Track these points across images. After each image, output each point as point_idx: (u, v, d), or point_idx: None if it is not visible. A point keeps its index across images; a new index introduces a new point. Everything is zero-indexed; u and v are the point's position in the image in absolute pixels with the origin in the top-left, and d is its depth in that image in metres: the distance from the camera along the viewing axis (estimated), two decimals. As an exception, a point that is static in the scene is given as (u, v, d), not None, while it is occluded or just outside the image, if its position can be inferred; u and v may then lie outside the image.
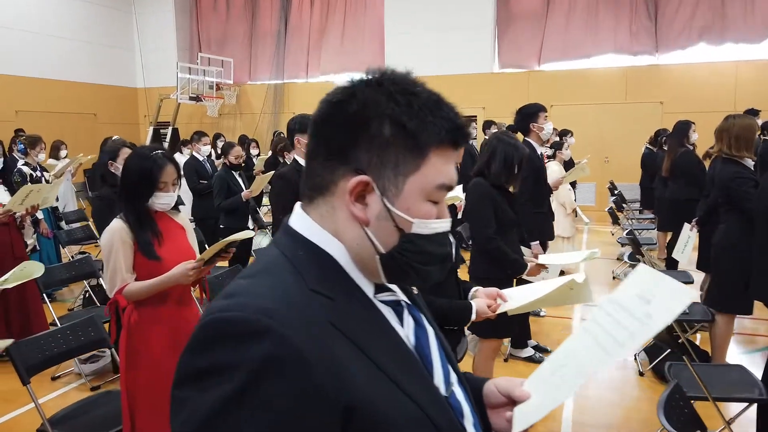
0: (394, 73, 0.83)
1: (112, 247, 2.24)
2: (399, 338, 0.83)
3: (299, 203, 0.87)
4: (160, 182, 2.30)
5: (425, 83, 0.86)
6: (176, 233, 2.44)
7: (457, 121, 0.83)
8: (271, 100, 13.64)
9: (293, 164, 3.37)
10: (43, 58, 12.18)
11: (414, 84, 0.83)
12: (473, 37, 11.99)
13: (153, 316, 2.30)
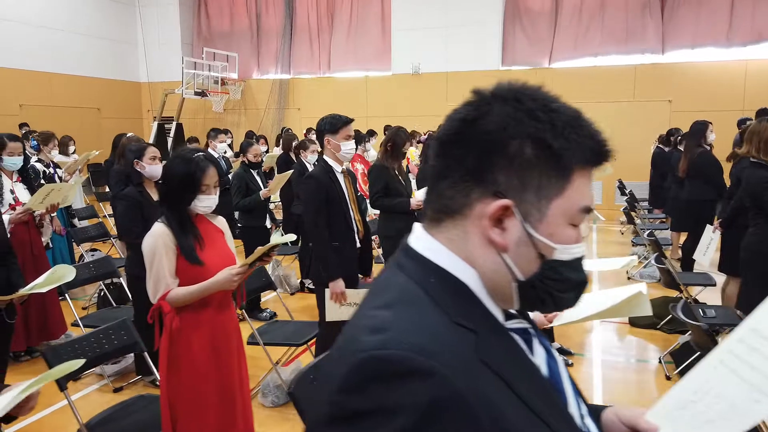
0: (529, 87, 0.78)
1: (155, 252, 2.20)
2: (538, 371, 0.80)
3: (420, 225, 0.83)
4: (202, 185, 2.26)
5: (560, 97, 0.81)
6: (216, 237, 2.40)
7: (600, 138, 0.78)
8: (276, 95, 13.57)
9: (322, 164, 3.33)
10: (46, 51, 12.07)
11: (553, 99, 0.78)
12: (480, 33, 11.94)
13: (195, 322, 2.27)
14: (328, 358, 0.77)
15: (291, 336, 3.53)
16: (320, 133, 3.31)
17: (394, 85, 12.63)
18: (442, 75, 12.26)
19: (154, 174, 3.71)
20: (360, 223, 3.43)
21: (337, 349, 0.73)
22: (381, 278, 0.82)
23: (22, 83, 11.55)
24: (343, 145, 3.27)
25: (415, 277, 0.76)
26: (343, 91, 13.04)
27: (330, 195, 3.24)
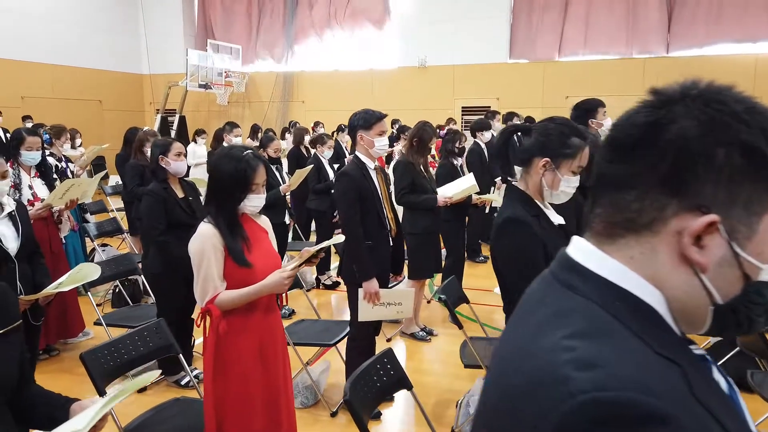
0: (722, 86, 0.70)
1: (204, 254, 2.13)
2: (733, 405, 0.72)
3: (582, 239, 0.76)
4: (252, 184, 2.19)
5: (759, 98, 0.73)
6: (262, 237, 2.33)
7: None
8: (281, 88, 13.44)
9: (355, 161, 3.25)
10: (48, 43, 11.91)
11: (754, 101, 0.70)
12: (487, 26, 11.84)
13: (242, 325, 2.19)
14: (500, 386, 0.70)
15: (321, 336, 3.46)
16: (353, 129, 3.23)
17: (400, 79, 12.52)
18: (448, 68, 12.16)
19: (179, 170, 3.63)
20: (393, 221, 3.35)
21: (519, 380, 0.66)
22: (556, 301, 0.74)
23: (24, 75, 11.39)
24: (376, 141, 3.19)
25: (598, 301, 0.68)
26: (348, 84, 12.92)
27: (363, 192, 3.17)
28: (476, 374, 3.80)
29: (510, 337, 0.77)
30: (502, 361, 0.73)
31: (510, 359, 0.71)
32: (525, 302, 0.80)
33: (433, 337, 4.56)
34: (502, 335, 0.82)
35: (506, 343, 0.77)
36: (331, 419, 3.35)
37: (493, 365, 0.78)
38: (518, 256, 1.67)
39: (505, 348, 0.75)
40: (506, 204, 1.82)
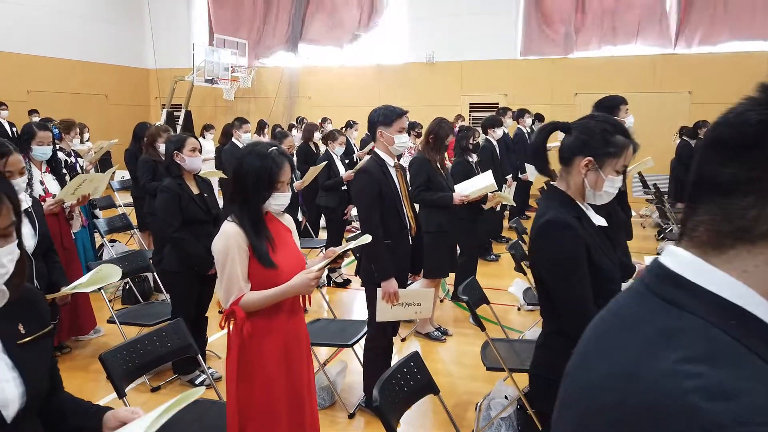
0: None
1: (228, 254, 2.06)
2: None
3: (682, 249, 0.69)
4: (278, 182, 2.13)
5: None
6: (286, 236, 2.27)
7: None
8: (287, 83, 13.35)
9: (374, 157, 3.19)
10: (54, 36, 11.84)
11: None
12: (496, 22, 11.72)
13: (266, 327, 2.14)
14: (604, 415, 0.63)
15: (338, 336, 3.41)
16: (373, 125, 3.16)
17: (408, 74, 12.42)
18: (456, 64, 12.05)
19: (194, 167, 3.57)
20: (413, 220, 3.29)
21: (632, 408, 0.59)
22: (646, 316, 0.67)
23: (30, 69, 11.33)
24: (396, 138, 3.13)
25: (712, 320, 0.62)
26: (355, 80, 12.83)
27: (383, 190, 3.10)
28: (494, 376, 3.74)
29: (600, 358, 0.70)
30: (594, 386, 0.66)
31: (611, 385, 0.64)
32: (613, 318, 0.74)
33: (447, 337, 4.50)
34: (582, 353, 0.75)
35: (596, 364, 0.69)
36: (349, 421, 3.29)
37: (577, 388, 0.71)
38: (563, 260, 1.61)
39: (597, 370, 0.68)
40: (546, 205, 1.75)
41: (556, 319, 1.71)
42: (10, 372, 1.20)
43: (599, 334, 0.74)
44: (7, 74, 10.90)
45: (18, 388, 1.20)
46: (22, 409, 1.20)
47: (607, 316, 0.76)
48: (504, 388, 3.26)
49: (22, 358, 1.22)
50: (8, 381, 1.19)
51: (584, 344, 0.76)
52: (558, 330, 1.74)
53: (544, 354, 1.79)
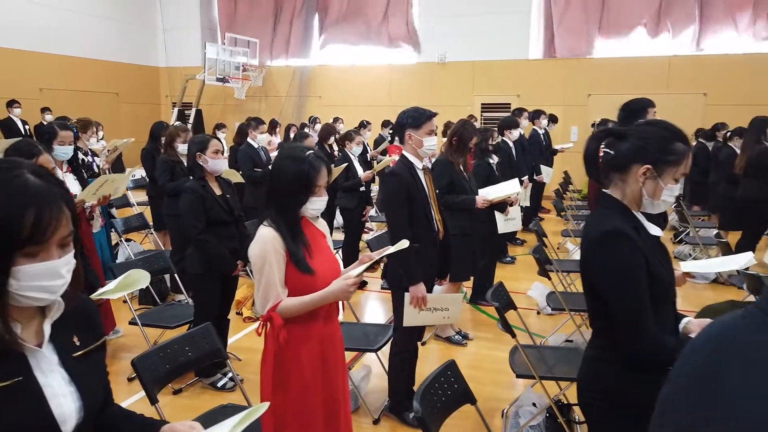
0: None
1: (266, 259, 2.02)
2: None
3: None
4: (315, 186, 2.08)
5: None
6: (321, 241, 2.23)
7: None
8: (298, 83, 13.32)
9: (403, 161, 3.14)
10: (66, 34, 11.85)
11: None
12: (509, 22, 11.65)
13: (304, 334, 2.09)
14: None
15: (363, 340, 3.37)
16: (401, 127, 3.12)
17: (419, 74, 12.37)
18: (468, 64, 12.00)
19: (216, 168, 3.54)
20: (440, 223, 3.25)
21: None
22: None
23: (42, 67, 11.34)
24: (425, 141, 3.09)
25: None
26: (365, 79, 12.79)
27: (411, 193, 3.06)
28: (518, 381, 3.70)
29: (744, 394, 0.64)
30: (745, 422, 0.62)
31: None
32: (737, 348, 0.68)
33: (468, 341, 4.46)
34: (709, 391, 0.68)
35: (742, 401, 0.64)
36: (374, 427, 3.25)
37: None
38: (623, 272, 1.55)
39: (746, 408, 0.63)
40: (602, 214, 1.70)
41: (610, 331, 1.66)
42: (68, 386, 1.16)
43: (724, 368, 0.68)
44: (20, 72, 10.91)
45: (75, 402, 1.15)
46: (79, 425, 1.16)
47: (722, 345, 0.71)
48: (532, 395, 3.21)
49: (78, 371, 1.18)
50: (65, 395, 1.14)
51: (700, 379, 0.70)
52: (610, 344, 1.69)
53: (596, 369, 1.74)
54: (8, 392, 1.05)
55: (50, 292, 1.08)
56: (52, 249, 1.06)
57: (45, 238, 1.04)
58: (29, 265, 1.03)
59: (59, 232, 1.07)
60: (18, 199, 1.01)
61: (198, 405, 3.42)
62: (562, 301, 3.97)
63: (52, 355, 1.16)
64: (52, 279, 1.07)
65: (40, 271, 1.05)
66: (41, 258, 1.05)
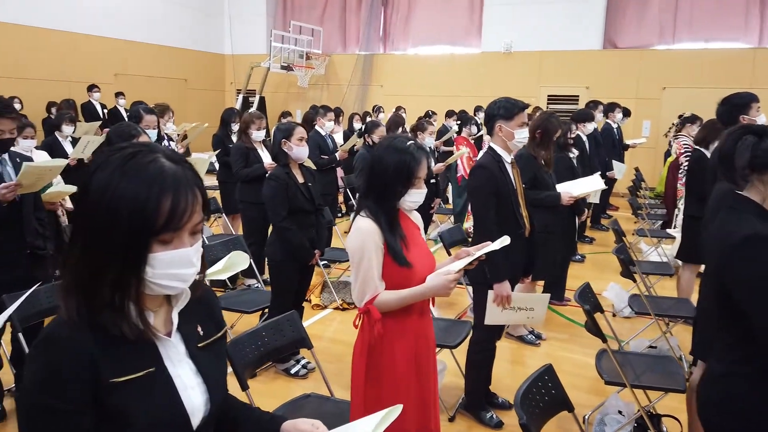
0: None
1: (364, 251, 1.98)
2: None
3: None
4: (415, 177, 2.02)
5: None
6: (416, 234, 2.16)
7: None
8: (360, 71, 13.30)
9: (491, 153, 3.03)
10: (139, 21, 12.24)
11: None
12: (580, 11, 11.22)
13: (399, 329, 2.04)
14: None
15: (441, 336, 3.28)
16: (491, 118, 3.01)
17: (483, 64, 12.10)
18: (535, 54, 11.64)
19: (300, 156, 3.53)
20: (527, 219, 3.13)
21: None
22: None
23: (116, 53, 11.77)
24: (517, 133, 2.96)
25: None
26: (428, 69, 12.63)
27: (499, 187, 2.95)
28: (597, 386, 3.55)
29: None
30: None
31: None
32: None
33: (541, 341, 4.32)
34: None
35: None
36: (450, 424, 3.19)
37: None
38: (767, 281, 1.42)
39: None
40: (739, 218, 1.56)
41: (748, 343, 1.52)
42: (195, 377, 1.13)
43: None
44: (97, 58, 11.37)
45: (202, 395, 1.13)
46: (206, 418, 1.13)
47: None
48: (619, 402, 3.06)
49: (203, 362, 1.15)
50: (194, 387, 1.12)
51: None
52: (744, 358, 1.55)
53: (728, 387, 1.59)
54: (140, 383, 1.02)
55: (182, 281, 1.05)
56: (185, 236, 1.03)
57: (180, 224, 1.01)
58: (163, 253, 1.01)
59: (193, 218, 1.04)
60: (155, 185, 0.98)
61: (273, 391, 3.44)
62: (648, 304, 3.77)
63: (179, 344, 1.13)
64: (185, 267, 1.04)
65: (173, 258, 1.02)
66: (174, 245, 1.02)
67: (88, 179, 1.01)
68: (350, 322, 4.59)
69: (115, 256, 0.98)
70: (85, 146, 5.53)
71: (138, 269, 1.00)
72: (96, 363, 0.98)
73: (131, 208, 0.96)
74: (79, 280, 1.01)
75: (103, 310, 1.00)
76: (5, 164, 3.03)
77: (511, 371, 3.87)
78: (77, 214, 1.03)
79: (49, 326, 1.03)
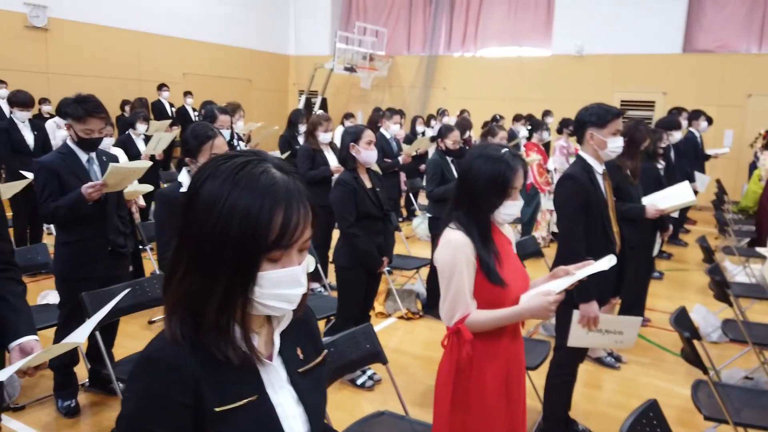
0: None
1: (456, 266, 1.83)
2: None
3: None
4: (511, 188, 1.86)
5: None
6: (508, 249, 2.00)
7: None
8: (423, 73, 13.16)
9: (581, 163, 2.82)
10: (206, 21, 12.54)
11: None
12: (658, 11, 10.65)
13: (489, 351, 1.89)
14: None
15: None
16: (582, 125, 2.80)
17: (552, 67, 11.70)
18: (608, 57, 11.14)
19: (369, 160, 3.42)
20: (618, 235, 2.89)
21: None
22: None
23: (185, 53, 12.10)
24: (610, 142, 2.74)
25: None
26: (494, 71, 12.34)
27: (589, 200, 2.73)
28: (686, 418, 3.26)
29: None
30: None
31: None
32: None
33: (621, 364, 4.03)
34: None
35: None
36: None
37: None
38: None
39: None
40: None
41: None
42: (296, 406, 1.03)
43: None
44: (167, 58, 11.73)
45: (304, 425, 1.03)
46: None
47: None
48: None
49: (304, 389, 1.06)
50: (295, 417, 1.02)
51: None
52: None
53: None
54: (243, 412, 0.95)
55: (289, 302, 0.96)
56: (293, 254, 0.94)
57: (291, 241, 0.91)
58: (272, 271, 0.92)
59: (304, 234, 0.94)
60: (268, 198, 0.89)
61: (339, 402, 3.34)
62: (745, 332, 3.44)
63: (280, 369, 1.04)
64: (293, 287, 0.95)
65: (282, 278, 0.93)
66: (282, 263, 0.93)
67: (195, 190, 0.93)
68: (415, 332, 4.50)
69: (222, 273, 0.90)
70: (156, 143, 5.66)
71: (246, 288, 0.91)
72: (200, 389, 0.91)
73: (243, 222, 0.88)
74: (183, 297, 0.93)
75: (207, 331, 0.93)
76: (92, 162, 3.07)
77: (589, 396, 3.62)
78: (182, 227, 0.95)
79: (151, 346, 0.96)
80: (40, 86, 9.33)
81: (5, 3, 9.23)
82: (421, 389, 3.57)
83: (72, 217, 2.96)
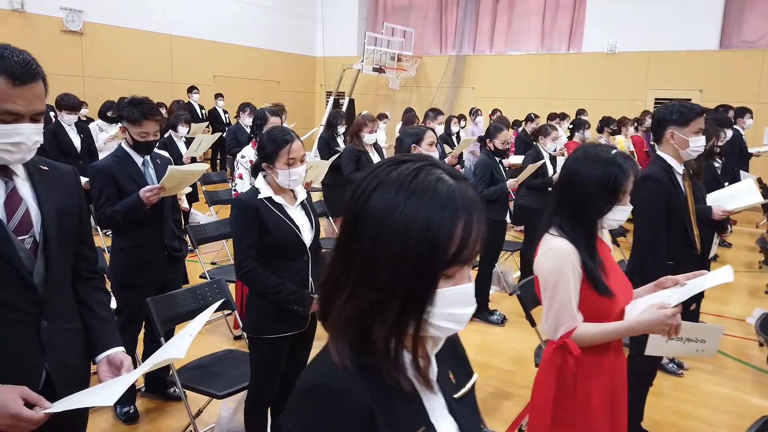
0: None
1: (561, 276, 1.73)
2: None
3: None
4: (621, 192, 1.75)
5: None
6: (609, 257, 1.89)
7: None
8: (451, 73, 13.04)
9: (660, 163, 2.70)
10: (236, 24, 12.58)
11: None
12: (693, 7, 10.41)
13: (595, 367, 1.79)
14: None
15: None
16: (662, 123, 2.69)
17: (584, 65, 11.51)
18: (642, 54, 10.92)
19: (431, 161, 3.32)
20: (698, 239, 2.77)
21: None
22: None
23: (215, 55, 12.15)
24: (692, 141, 2.63)
25: None
26: (523, 70, 12.18)
27: (671, 202, 2.62)
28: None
29: None
30: None
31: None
32: None
33: (684, 371, 3.90)
34: None
35: None
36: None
37: None
38: None
39: None
40: None
41: None
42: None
43: None
44: (198, 60, 11.77)
45: None
46: None
47: None
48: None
49: (462, 417, 0.97)
50: None
51: None
52: None
53: None
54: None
55: (460, 322, 0.87)
56: (466, 270, 0.86)
57: (469, 256, 0.83)
58: (447, 289, 0.84)
59: (478, 248, 0.85)
60: (447, 209, 0.81)
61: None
62: (822, 340, 3.29)
63: (440, 396, 0.95)
64: (465, 306, 0.87)
65: (457, 296, 0.85)
66: (455, 281, 0.85)
67: (363, 201, 0.84)
68: (471, 334, 4.39)
69: (397, 292, 0.81)
70: (198, 145, 5.65)
71: (422, 308, 0.83)
72: (374, 419, 0.83)
73: (422, 236, 0.79)
74: (350, 319, 0.85)
75: (377, 355, 0.85)
76: (147, 165, 3.03)
77: (654, 404, 3.49)
78: (345, 242, 0.87)
79: (317, 372, 0.88)
80: (76, 90, 9.31)
81: (43, 8, 9.34)
82: (480, 396, 3.48)
83: (130, 222, 2.92)
